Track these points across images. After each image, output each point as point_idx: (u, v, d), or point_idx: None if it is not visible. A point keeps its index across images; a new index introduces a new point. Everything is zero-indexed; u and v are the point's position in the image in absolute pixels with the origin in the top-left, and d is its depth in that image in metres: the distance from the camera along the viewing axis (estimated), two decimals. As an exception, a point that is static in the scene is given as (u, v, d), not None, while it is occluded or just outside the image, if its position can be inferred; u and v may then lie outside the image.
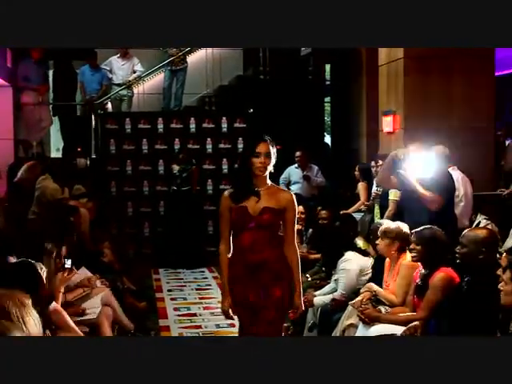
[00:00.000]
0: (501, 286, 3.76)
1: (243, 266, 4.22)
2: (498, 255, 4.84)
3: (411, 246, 4.99)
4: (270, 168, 4.19)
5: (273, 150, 4.15)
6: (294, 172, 10.20)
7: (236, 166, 4.31)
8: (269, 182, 4.27)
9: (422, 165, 5.84)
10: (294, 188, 9.77)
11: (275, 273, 4.23)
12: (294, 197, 4.31)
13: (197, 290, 8.91)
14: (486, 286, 4.21)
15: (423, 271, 4.95)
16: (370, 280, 5.75)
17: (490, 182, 8.93)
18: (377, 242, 5.53)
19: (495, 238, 4.76)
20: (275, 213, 4.20)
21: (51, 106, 11.66)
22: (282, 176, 10.12)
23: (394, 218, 6.36)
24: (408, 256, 5.23)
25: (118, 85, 11.70)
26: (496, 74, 9.25)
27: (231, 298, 4.25)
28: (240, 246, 4.23)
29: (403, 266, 5.30)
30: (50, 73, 12.00)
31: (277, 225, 4.26)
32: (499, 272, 3.89)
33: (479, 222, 7.04)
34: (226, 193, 4.31)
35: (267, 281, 4.21)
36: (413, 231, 5.07)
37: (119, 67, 11.70)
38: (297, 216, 4.33)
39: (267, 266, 4.22)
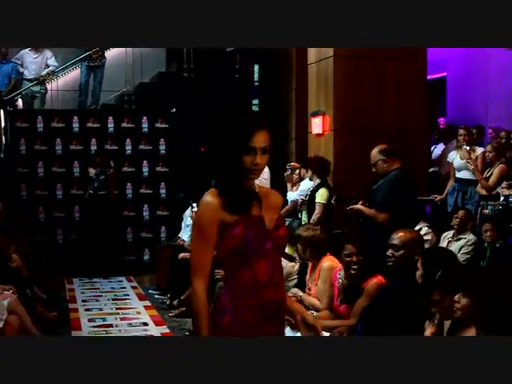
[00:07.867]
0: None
1: (259, 309, 2.89)
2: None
3: (354, 259, 4.90)
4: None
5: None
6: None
7: (220, 161, 2.41)
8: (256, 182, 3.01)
9: None
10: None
11: (283, 321, 3.10)
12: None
13: (114, 300, 8.83)
14: (417, 285, 4.25)
15: (351, 276, 4.95)
16: (295, 285, 5.84)
17: (424, 184, 8.91)
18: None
19: (422, 238, 4.97)
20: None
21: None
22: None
23: (320, 222, 6.45)
24: (327, 260, 5.36)
25: (30, 80, 11.48)
26: (428, 77, 9.29)
27: None
28: (254, 281, 2.88)
29: (323, 270, 5.36)
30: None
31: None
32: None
33: (420, 228, 7.13)
34: (213, 199, 2.87)
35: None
36: (352, 243, 5.00)
37: (31, 61, 11.47)
38: None
39: (282, 310, 3.00)
